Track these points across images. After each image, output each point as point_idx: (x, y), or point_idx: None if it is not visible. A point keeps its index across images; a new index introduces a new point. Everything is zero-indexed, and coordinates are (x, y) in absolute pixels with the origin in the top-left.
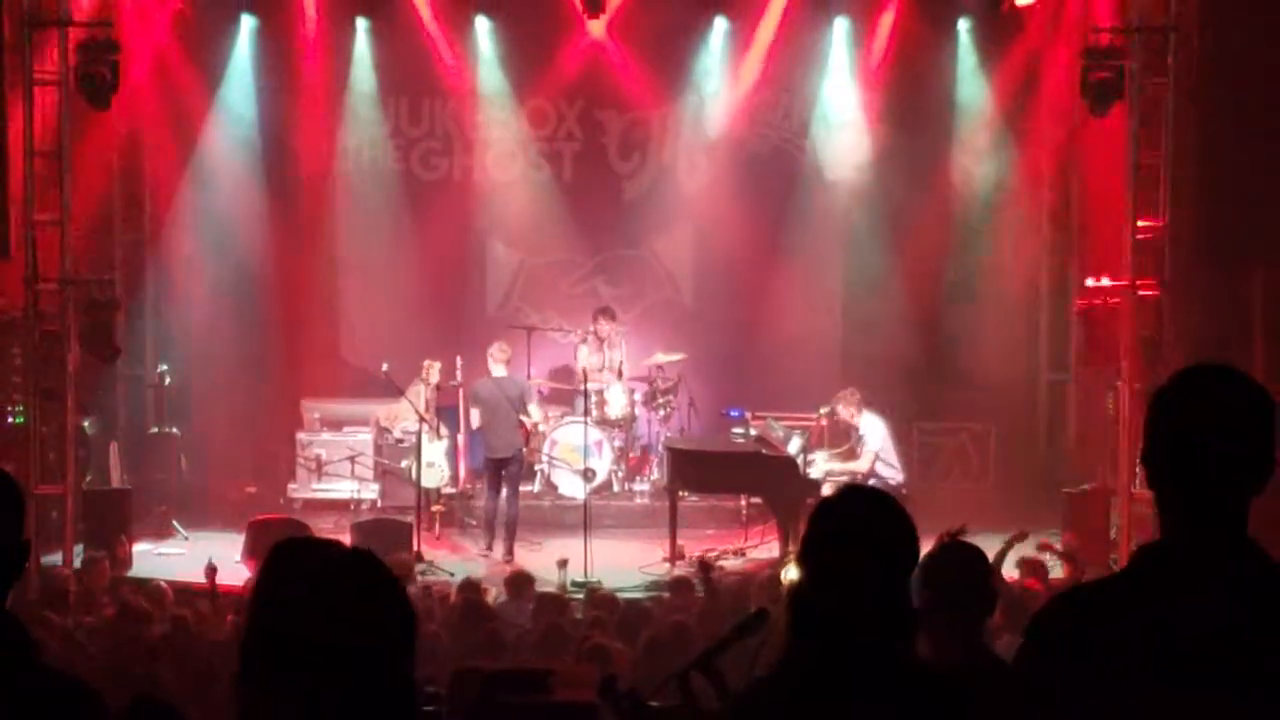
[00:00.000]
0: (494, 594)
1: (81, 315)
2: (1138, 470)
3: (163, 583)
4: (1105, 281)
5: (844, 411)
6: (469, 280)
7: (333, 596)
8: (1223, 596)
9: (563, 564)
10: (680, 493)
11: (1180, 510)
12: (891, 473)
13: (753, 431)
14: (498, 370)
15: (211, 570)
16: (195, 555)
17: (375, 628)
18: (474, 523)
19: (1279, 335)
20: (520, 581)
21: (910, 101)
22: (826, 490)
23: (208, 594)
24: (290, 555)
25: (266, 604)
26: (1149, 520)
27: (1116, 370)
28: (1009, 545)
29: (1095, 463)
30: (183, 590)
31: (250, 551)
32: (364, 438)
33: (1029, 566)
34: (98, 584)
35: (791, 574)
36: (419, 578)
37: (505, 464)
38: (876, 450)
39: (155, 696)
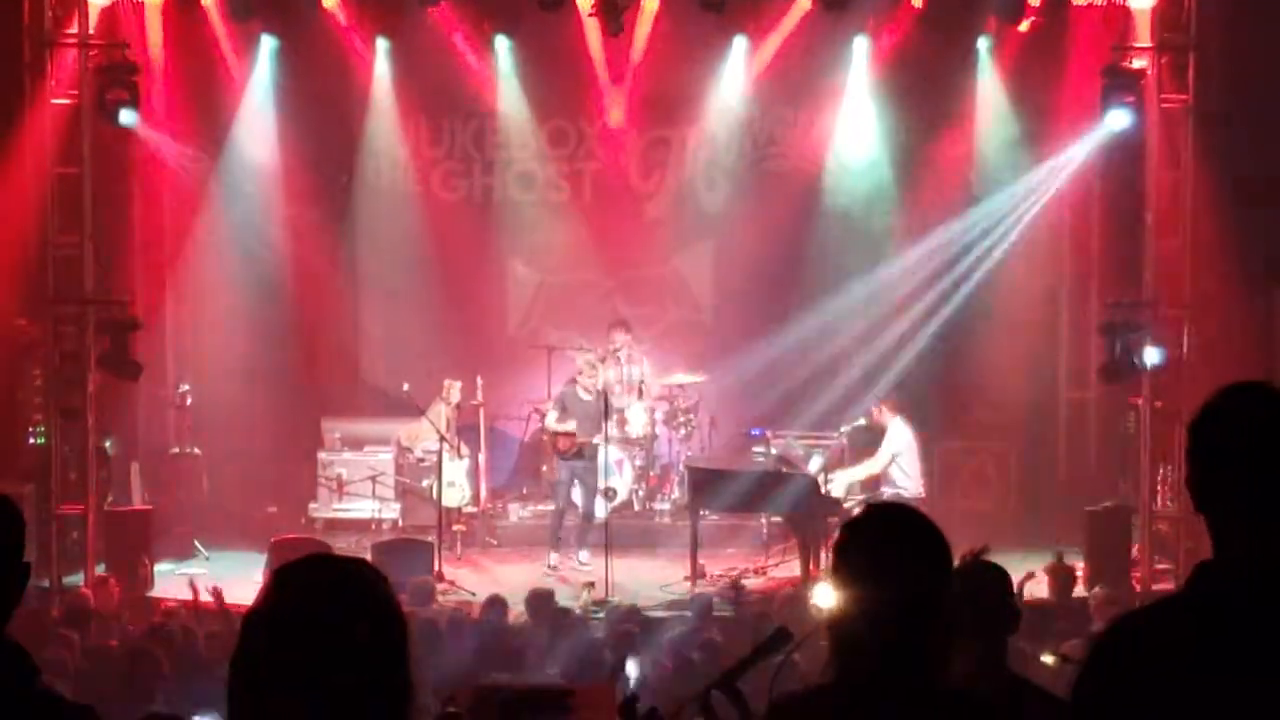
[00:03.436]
0: (515, 613)
1: (101, 335)
2: (1159, 488)
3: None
4: (1126, 300)
5: (876, 411)
6: (489, 300)
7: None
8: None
9: (589, 585)
10: (701, 512)
11: (1238, 530)
12: (908, 484)
13: (773, 450)
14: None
15: (217, 593)
16: (216, 575)
17: (355, 650)
18: (495, 542)
19: None
20: (540, 600)
21: (930, 119)
22: (851, 506)
23: (220, 614)
24: (280, 579)
25: (251, 626)
26: (1170, 538)
27: (1137, 388)
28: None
29: (1116, 481)
30: (198, 609)
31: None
32: (385, 457)
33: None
34: (107, 604)
35: (821, 595)
36: (440, 598)
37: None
38: (895, 453)
39: (165, 716)
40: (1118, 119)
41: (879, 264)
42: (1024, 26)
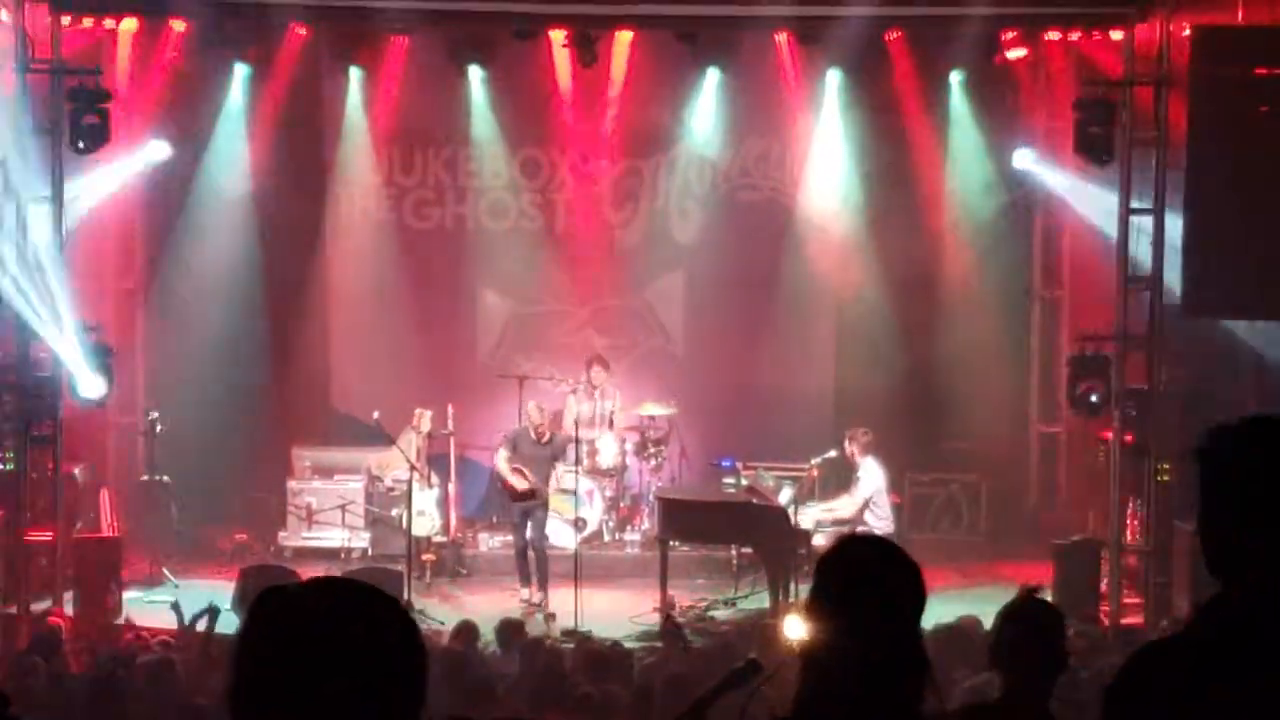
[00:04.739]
0: (484, 641)
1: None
2: (1128, 522)
3: (149, 630)
4: (1095, 332)
5: (850, 448)
6: (460, 329)
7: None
8: None
9: (550, 618)
10: (671, 542)
11: (1253, 561)
12: (881, 524)
13: (744, 481)
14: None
15: (214, 612)
16: (185, 603)
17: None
18: (465, 571)
19: (1269, 387)
20: (509, 630)
21: (903, 152)
22: (819, 540)
23: (199, 641)
24: (273, 604)
25: (249, 654)
26: (1139, 572)
27: (1107, 422)
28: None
29: (1086, 514)
30: (171, 637)
31: (241, 600)
32: (355, 486)
33: None
34: (85, 632)
35: (792, 626)
36: None
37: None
38: (868, 497)
39: None
40: (1090, 152)
41: (849, 295)
42: (997, 60)
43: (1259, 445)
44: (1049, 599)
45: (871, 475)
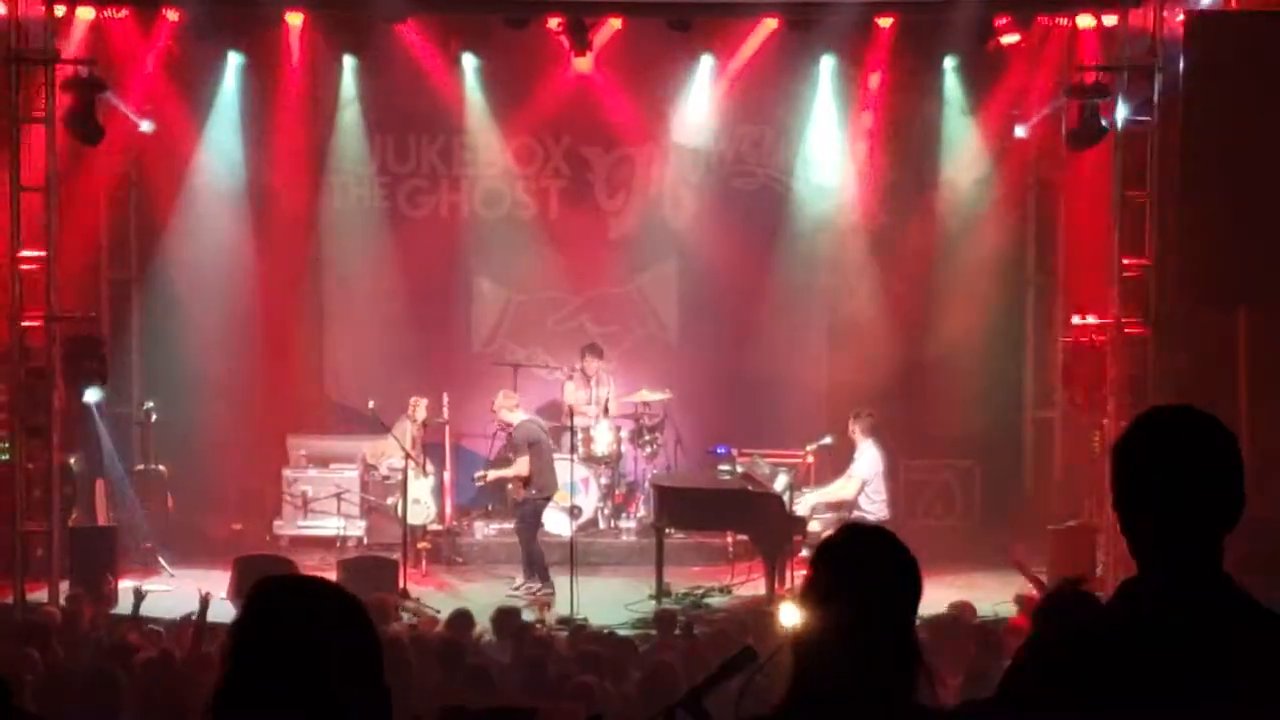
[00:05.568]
0: (479, 629)
1: (65, 351)
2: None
3: (147, 619)
4: (1090, 319)
5: (853, 428)
6: (455, 317)
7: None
8: (1193, 627)
9: (545, 607)
10: (666, 530)
11: (1151, 546)
12: (874, 509)
13: (739, 468)
14: (520, 415)
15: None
16: (181, 592)
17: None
18: (461, 560)
19: (1264, 374)
20: (506, 619)
21: (896, 138)
22: (815, 526)
23: (193, 630)
24: (268, 595)
25: (244, 644)
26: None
27: (1102, 407)
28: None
29: (1081, 500)
30: (167, 627)
31: (236, 589)
32: (350, 475)
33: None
34: (80, 622)
35: (787, 613)
36: (402, 616)
37: (550, 500)
38: (865, 479)
39: None
40: (1082, 138)
41: (844, 281)
42: (990, 46)
43: (1139, 436)
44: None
45: (868, 458)
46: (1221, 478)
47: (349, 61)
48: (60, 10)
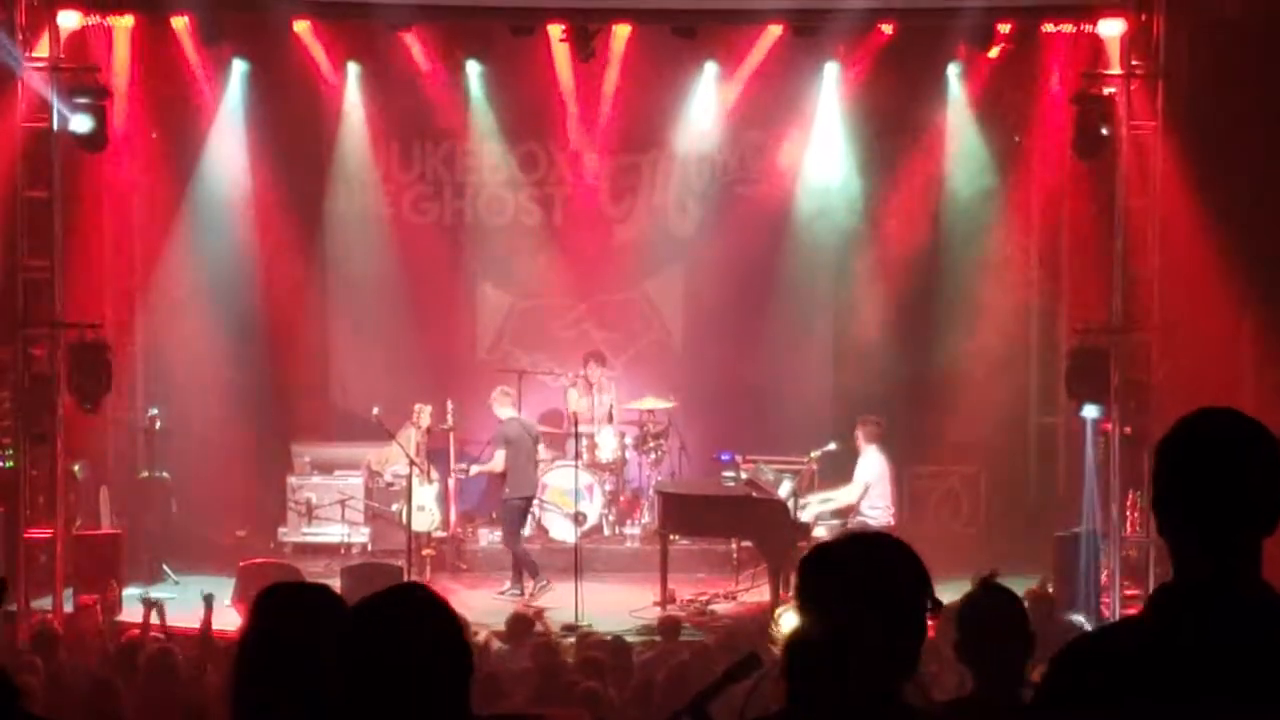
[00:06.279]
0: (482, 636)
1: (70, 359)
2: (1128, 514)
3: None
4: (1095, 324)
5: (858, 433)
6: (459, 324)
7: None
8: (1234, 633)
9: (538, 614)
10: (671, 536)
11: (1193, 550)
12: (877, 514)
13: (743, 475)
14: (509, 411)
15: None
16: (185, 599)
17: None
18: (465, 566)
19: (1269, 378)
20: (519, 625)
21: (900, 146)
22: (820, 532)
23: (198, 636)
24: (279, 602)
25: (257, 649)
26: (1139, 563)
27: (1106, 413)
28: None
29: (1085, 506)
30: (173, 633)
31: (241, 596)
32: (354, 481)
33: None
34: (87, 628)
35: (787, 620)
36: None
37: (530, 502)
38: (867, 483)
39: None
40: (1088, 145)
41: (848, 287)
42: (994, 53)
43: (1184, 439)
44: (1004, 584)
45: (870, 463)
46: (1266, 483)
47: (353, 69)
48: (65, 17)
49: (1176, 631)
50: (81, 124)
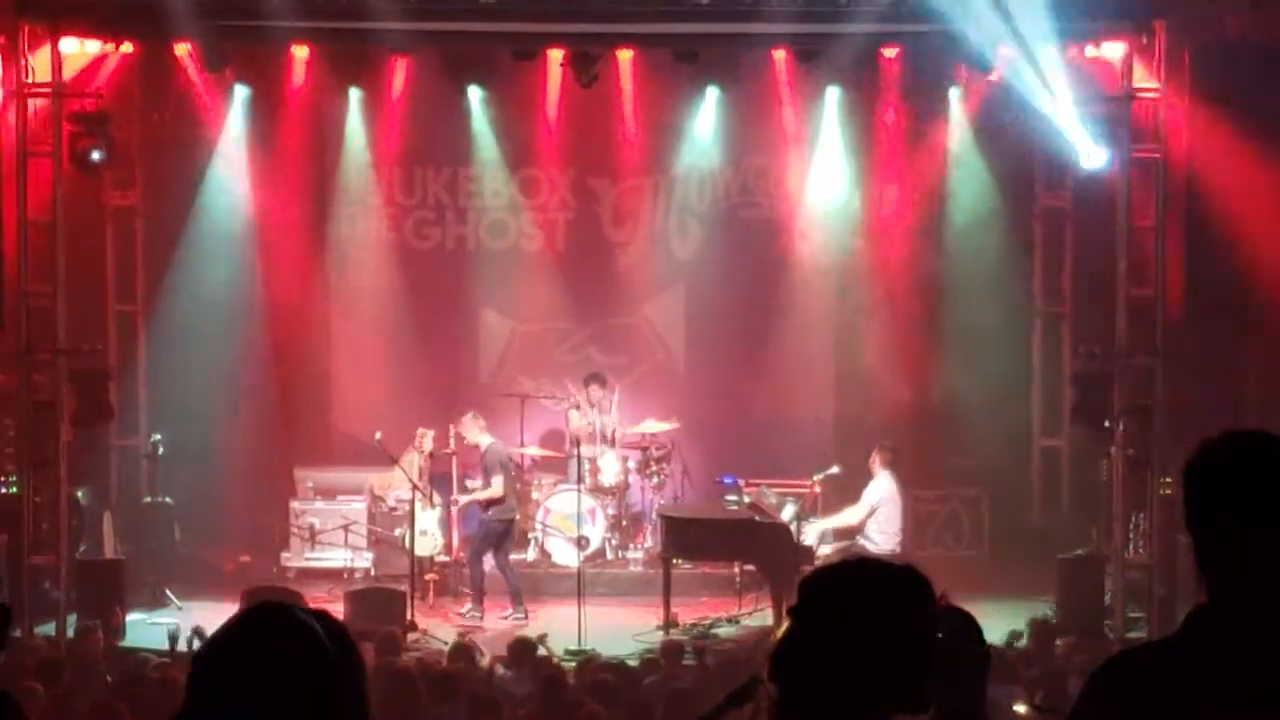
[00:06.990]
0: (485, 660)
1: (73, 385)
2: (1131, 536)
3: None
4: (1097, 348)
5: (874, 458)
6: (462, 348)
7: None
8: (1272, 654)
9: (541, 639)
10: (674, 560)
11: (1232, 570)
12: (883, 540)
13: (746, 498)
14: (487, 437)
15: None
16: (189, 625)
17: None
18: (468, 591)
19: (1272, 402)
20: (522, 649)
21: (901, 168)
22: (825, 551)
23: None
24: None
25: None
26: (1142, 586)
27: (1109, 436)
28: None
29: (1088, 528)
30: (175, 659)
31: None
32: (358, 506)
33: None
34: (91, 654)
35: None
36: (410, 647)
37: (511, 525)
38: (873, 505)
39: None
40: (1089, 167)
41: (850, 310)
42: (995, 76)
43: (1220, 458)
44: (955, 604)
45: (880, 486)
46: None
47: (355, 94)
48: (67, 44)
49: (1220, 648)
50: (84, 150)
